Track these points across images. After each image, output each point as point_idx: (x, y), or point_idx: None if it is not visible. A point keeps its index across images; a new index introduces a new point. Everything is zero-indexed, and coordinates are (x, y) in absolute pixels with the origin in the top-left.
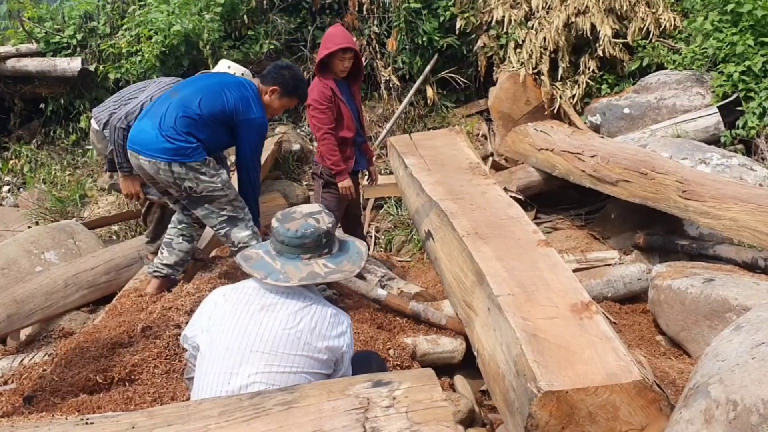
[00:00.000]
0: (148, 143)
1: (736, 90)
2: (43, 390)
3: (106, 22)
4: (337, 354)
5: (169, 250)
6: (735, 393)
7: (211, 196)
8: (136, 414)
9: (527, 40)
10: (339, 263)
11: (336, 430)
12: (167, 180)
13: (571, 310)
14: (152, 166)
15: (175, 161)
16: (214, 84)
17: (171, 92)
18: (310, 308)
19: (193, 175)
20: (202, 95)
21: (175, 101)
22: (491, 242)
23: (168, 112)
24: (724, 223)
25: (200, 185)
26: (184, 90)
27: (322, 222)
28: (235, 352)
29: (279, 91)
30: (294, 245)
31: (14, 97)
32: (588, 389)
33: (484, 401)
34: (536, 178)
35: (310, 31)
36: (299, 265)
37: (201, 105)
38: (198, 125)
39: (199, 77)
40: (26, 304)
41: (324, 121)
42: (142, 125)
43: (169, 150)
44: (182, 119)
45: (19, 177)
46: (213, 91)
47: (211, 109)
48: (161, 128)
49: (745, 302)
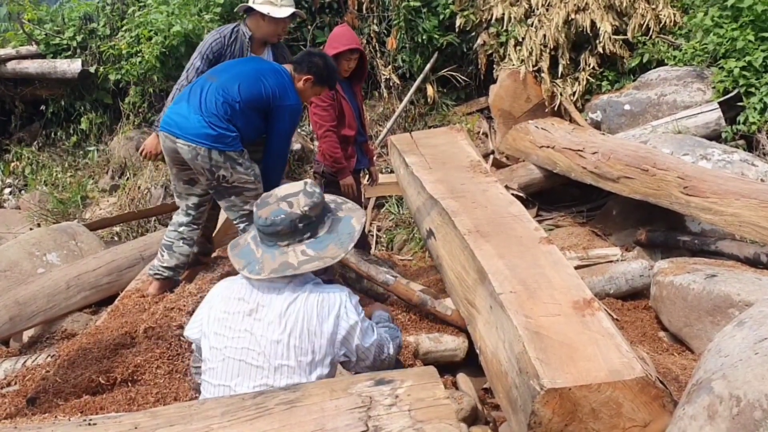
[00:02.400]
0: (188, 128)
1: (737, 86)
2: (46, 391)
3: (106, 24)
4: (337, 341)
5: (170, 254)
6: (738, 389)
7: (242, 187)
8: (139, 414)
9: (527, 38)
10: (322, 248)
11: (339, 428)
12: (203, 166)
13: (574, 307)
14: (191, 151)
15: (216, 148)
16: (252, 70)
17: (208, 76)
18: (294, 305)
19: (230, 165)
20: (240, 81)
21: (214, 86)
22: (493, 240)
23: (208, 97)
24: (726, 218)
25: (234, 175)
26: (222, 75)
27: (296, 206)
28: (230, 365)
29: (312, 80)
30: (267, 233)
31: (15, 99)
32: (591, 386)
33: (486, 399)
34: (537, 175)
35: (309, 31)
36: (275, 254)
37: (241, 91)
38: (237, 113)
39: (235, 62)
40: (28, 305)
41: (326, 118)
42: (180, 109)
43: (211, 136)
44: (223, 105)
45: (20, 179)
46: (251, 77)
47: (251, 95)
48: (203, 113)
49: (748, 298)
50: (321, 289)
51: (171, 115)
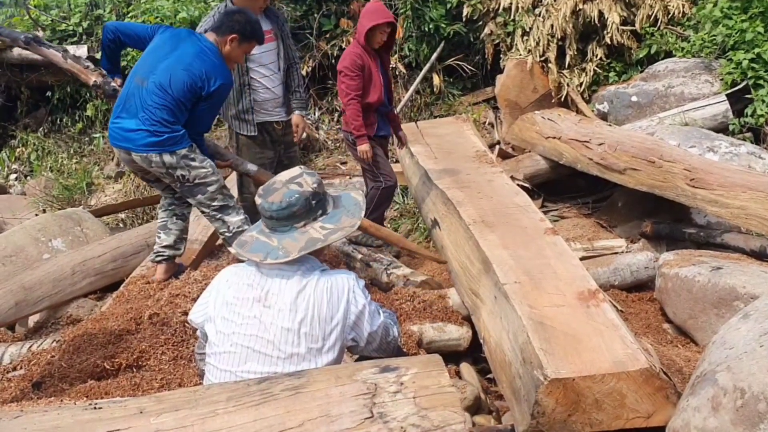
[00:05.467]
0: (135, 139)
1: (745, 78)
2: (52, 376)
3: (112, 10)
4: (347, 326)
5: (166, 232)
6: (743, 381)
7: (203, 182)
8: (144, 399)
9: (534, 28)
10: (337, 221)
11: (343, 414)
12: (160, 171)
13: (578, 298)
14: (144, 160)
15: (165, 151)
16: (176, 62)
17: (136, 78)
18: (304, 292)
19: (183, 163)
20: (169, 76)
21: (146, 90)
22: (498, 230)
23: (144, 104)
24: (732, 211)
25: (192, 172)
26: (150, 75)
27: (305, 185)
28: (238, 351)
29: (238, 39)
30: (283, 217)
31: (21, 85)
32: (595, 377)
33: (490, 389)
34: (543, 166)
35: (315, 19)
36: (295, 236)
37: (173, 89)
38: (176, 111)
39: (156, 55)
40: (34, 291)
41: (352, 87)
42: (123, 123)
43: (158, 143)
44: (162, 109)
45: (26, 165)
46: (178, 70)
47: (183, 89)
48: (143, 122)
49: (753, 290)
50: (329, 275)
51: (116, 130)
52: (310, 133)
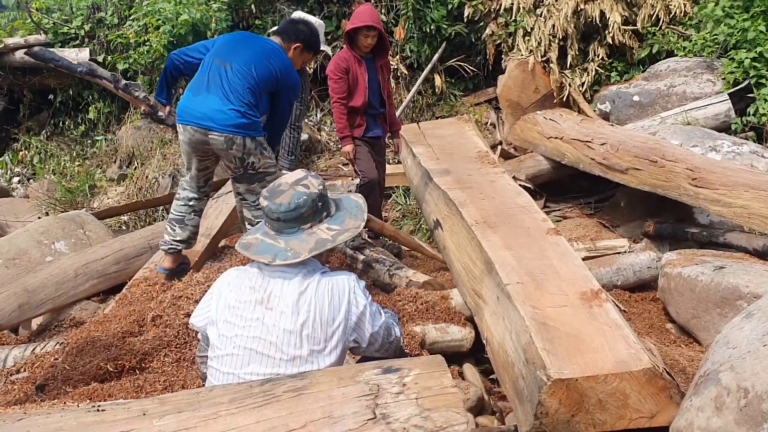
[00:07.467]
0: (222, 119)
1: (747, 77)
2: (55, 378)
3: (114, 13)
4: (349, 327)
5: (182, 227)
6: (746, 380)
7: (265, 173)
8: (147, 401)
9: (536, 28)
10: (341, 223)
11: (346, 416)
12: (235, 155)
13: (581, 298)
14: (226, 142)
15: (249, 136)
16: (259, 52)
17: (218, 61)
18: (306, 294)
19: (259, 150)
20: (254, 64)
21: (232, 72)
22: (500, 231)
23: (233, 85)
24: (735, 210)
25: (261, 161)
26: (234, 59)
27: (312, 186)
28: (241, 353)
29: (301, 48)
30: (291, 219)
31: (23, 88)
32: (598, 377)
33: (493, 389)
34: (545, 166)
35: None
36: (303, 237)
37: (257, 75)
38: (257, 97)
39: (236, 43)
40: (37, 293)
41: (336, 90)
42: (207, 101)
43: (245, 125)
44: (249, 92)
45: (28, 168)
46: (261, 59)
47: (265, 78)
48: (234, 103)
49: (756, 290)
50: (329, 276)
51: (198, 108)
52: (312, 135)
